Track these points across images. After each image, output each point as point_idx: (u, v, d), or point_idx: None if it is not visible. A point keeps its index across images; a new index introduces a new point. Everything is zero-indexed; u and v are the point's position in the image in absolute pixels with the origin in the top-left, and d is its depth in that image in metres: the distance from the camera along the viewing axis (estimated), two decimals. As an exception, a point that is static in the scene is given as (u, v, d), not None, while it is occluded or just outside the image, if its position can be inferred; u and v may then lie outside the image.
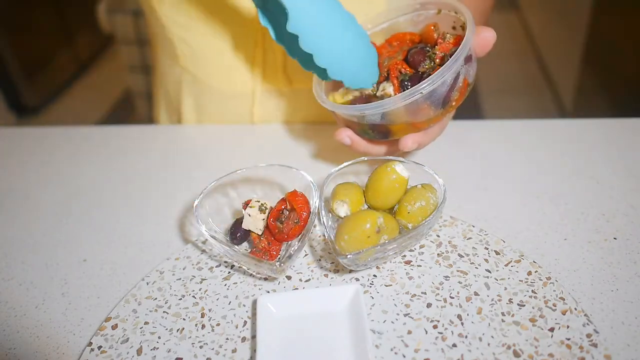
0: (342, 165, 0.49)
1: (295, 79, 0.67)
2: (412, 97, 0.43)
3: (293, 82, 0.68)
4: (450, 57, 0.44)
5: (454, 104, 0.46)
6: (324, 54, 0.45)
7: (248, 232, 0.47)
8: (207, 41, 0.65)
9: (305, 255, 0.48)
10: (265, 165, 0.50)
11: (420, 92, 0.43)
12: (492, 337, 0.39)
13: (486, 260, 0.45)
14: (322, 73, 0.48)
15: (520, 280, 0.43)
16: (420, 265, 0.46)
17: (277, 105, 0.70)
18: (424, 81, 0.43)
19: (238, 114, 0.71)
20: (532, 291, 0.42)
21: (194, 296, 0.45)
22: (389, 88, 0.48)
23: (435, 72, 0.43)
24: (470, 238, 0.48)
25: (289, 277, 0.46)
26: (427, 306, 0.42)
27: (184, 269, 0.48)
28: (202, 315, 0.43)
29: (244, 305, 0.44)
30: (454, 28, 0.49)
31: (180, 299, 0.45)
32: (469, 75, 0.46)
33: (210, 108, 0.72)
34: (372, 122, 0.47)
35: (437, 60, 0.47)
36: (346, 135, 0.50)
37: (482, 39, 0.45)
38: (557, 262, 0.46)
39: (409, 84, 0.47)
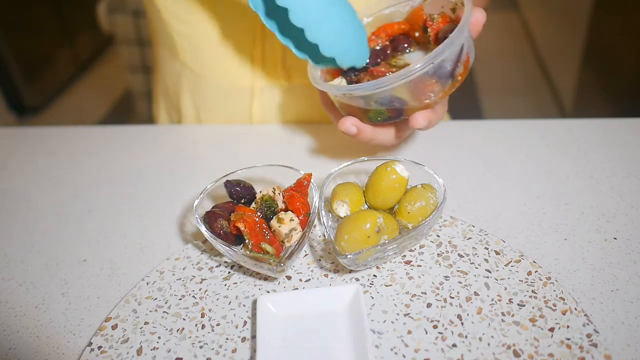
0: (342, 165, 0.49)
1: (294, 75, 0.67)
2: (424, 68, 0.42)
3: (292, 78, 0.68)
4: (443, 34, 0.44)
5: (459, 78, 0.46)
6: (315, 27, 0.44)
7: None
8: (206, 36, 0.65)
9: (305, 255, 0.48)
10: (265, 165, 0.50)
11: (432, 62, 0.42)
12: (492, 337, 0.39)
13: (486, 260, 0.46)
14: (332, 63, 0.49)
15: (520, 280, 0.43)
16: (420, 265, 0.46)
17: (276, 102, 0.70)
18: (434, 50, 0.42)
19: (237, 110, 0.71)
20: (532, 291, 0.42)
21: (194, 296, 0.45)
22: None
23: (443, 43, 0.42)
24: (470, 238, 0.48)
25: (289, 277, 0.46)
26: (427, 306, 0.42)
27: (184, 269, 0.48)
28: (202, 315, 0.43)
29: (244, 305, 0.44)
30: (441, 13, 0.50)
31: (180, 299, 0.45)
32: (470, 50, 0.46)
33: (209, 104, 0.72)
34: (380, 103, 0.46)
35: (432, 37, 0.48)
36: (351, 124, 0.48)
37: (474, 19, 0.45)
38: (557, 262, 0.46)
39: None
